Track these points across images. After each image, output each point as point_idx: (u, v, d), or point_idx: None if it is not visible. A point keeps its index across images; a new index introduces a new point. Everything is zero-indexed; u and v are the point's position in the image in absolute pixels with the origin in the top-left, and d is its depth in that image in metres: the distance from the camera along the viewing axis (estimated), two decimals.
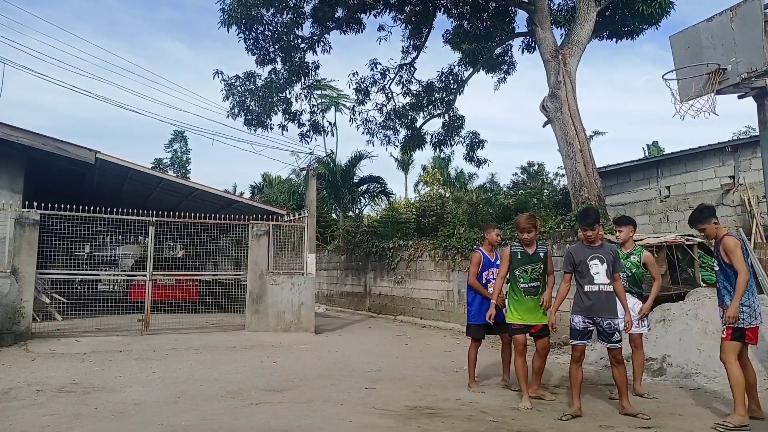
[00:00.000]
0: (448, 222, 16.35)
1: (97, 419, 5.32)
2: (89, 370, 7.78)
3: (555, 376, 7.73)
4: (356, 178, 25.73)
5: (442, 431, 5.11)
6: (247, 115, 16.13)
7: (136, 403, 5.91)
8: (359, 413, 5.68)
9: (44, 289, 11.96)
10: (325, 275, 20.66)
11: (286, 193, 29.13)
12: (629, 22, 14.53)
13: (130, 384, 6.90)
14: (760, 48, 6.73)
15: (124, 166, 12.06)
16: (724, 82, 7.08)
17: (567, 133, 12.66)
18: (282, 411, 5.72)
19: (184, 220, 11.67)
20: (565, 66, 12.90)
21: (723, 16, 7.16)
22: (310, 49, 16.54)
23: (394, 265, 16.43)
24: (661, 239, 10.47)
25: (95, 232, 12.77)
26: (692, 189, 14.42)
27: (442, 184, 37.96)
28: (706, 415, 5.55)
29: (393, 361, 9.01)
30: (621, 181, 16.30)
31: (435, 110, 18.60)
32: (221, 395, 6.37)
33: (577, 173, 12.46)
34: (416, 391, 6.78)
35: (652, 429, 5.17)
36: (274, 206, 15.35)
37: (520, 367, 6.09)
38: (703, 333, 7.68)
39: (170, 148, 50.67)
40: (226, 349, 9.84)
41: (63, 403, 5.90)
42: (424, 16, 16.78)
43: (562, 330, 7.72)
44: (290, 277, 12.38)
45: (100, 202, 11.66)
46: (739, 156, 13.44)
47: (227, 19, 14.46)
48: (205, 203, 14.48)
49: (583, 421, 5.43)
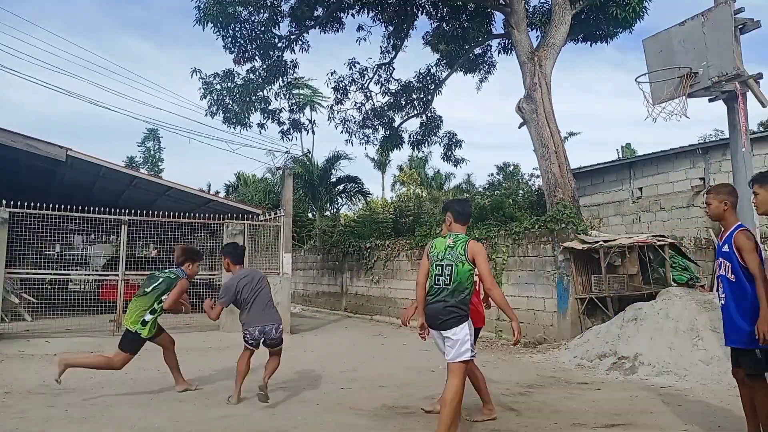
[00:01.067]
0: (425, 222, 16.42)
1: (67, 421, 5.22)
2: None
3: (530, 374, 7.81)
4: (333, 178, 25.66)
5: (418, 430, 5.12)
6: (226, 114, 15.99)
7: (108, 405, 5.81)
8: (335, 413, 5.66)
9: (13, 289, 11.70)
10: (301, 275, 20.57)
11: (262, 193, 28.90)
12: (604, 26, 14.74)
13: (101, 385, 6.77)
14: (731, 52, 6.88)
15: (95, 164, 11.86)
16: (696, 86, 7.22)
17: (542, 135, 12.79)
18: (257, 412, 5.67)
19: (157, 219, 11.51)
20: (541, 68, 13.03)
21: (695, 20, 7.30)
22: (288, 47, 16.45)
23: (371, 264, 16.42)
24: (633, 239, 10.64)
25: (66, 230, 12.52)
26: (664, 190, 14.70)
27: (419, 184, 38.11)
28: (676, 412, 5.65)
29: (369, 361, 9.01)
30: (595, 182, 16.54)
31: (413, 110, 18.67)
32: (194, 396, 6.30)
33: (551, 174, 12.59)
34: (393, 390, 6.78)
35: (625, 426, 5.24)
36: (249, 205, 15.23)
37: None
38: (674, 332, 7.82)
39: (143, 145, 49.97)
40: (200, 350, 9.73)
41: (33, 405, 5.77)
42: (404, 17, 16.81)
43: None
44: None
45: (71, 200, 11.45)
46: (709, 158, 13.74)
47: (203, 17, 14.29)
48: (179, 202, 14.30)
49: (555, 418, 5.48)
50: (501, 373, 8.00)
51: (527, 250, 11.45)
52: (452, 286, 4.56)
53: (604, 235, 11.01)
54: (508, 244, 11.87)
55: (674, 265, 10.92)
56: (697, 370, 7.15)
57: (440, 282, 4.61)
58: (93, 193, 15.61)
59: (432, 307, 4.63)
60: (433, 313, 4.61)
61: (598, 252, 10.25)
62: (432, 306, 4.63)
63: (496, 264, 11.99)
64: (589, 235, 10.71)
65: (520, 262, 11.57)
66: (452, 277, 4.56)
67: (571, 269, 10.45)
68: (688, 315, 8.01)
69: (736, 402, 6.04)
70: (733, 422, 5.31)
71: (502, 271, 11.88)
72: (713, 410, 5.71)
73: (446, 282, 4.58)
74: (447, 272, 4.59)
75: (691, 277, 10.91)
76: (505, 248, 11.88)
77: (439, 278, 4.62)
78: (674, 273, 10.75)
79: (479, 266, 4.60)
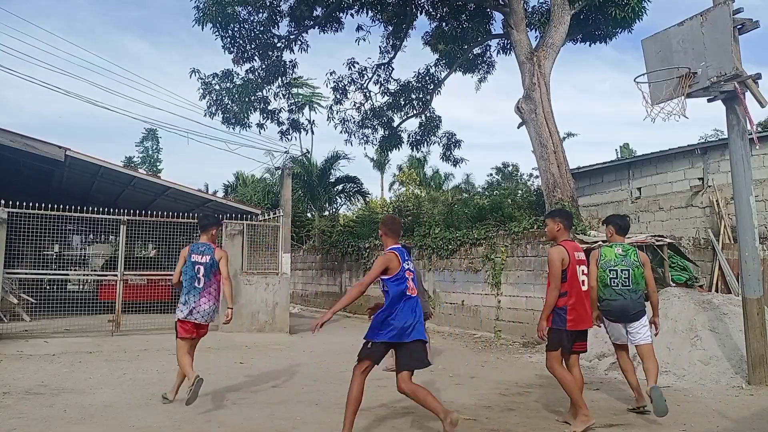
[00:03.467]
0: (424, 222, 16.40)
1: (66, 421, 5.21)
2: (58, 371, 7.62)
3: (529, 374, 7.81)
4: (332, 178, 25.62)
5: (416, 430, 5.12)
6: (225, 114, 15.98)
7: (107, 405, 5.80)
8: (334, 413, 5.65)
9: (12, 289, 11.67)
10: (300, 275, 20.56)
11: (261, 193, 28.87)
12: (603, 26, 14.74)
13: (100, 386, 6.77)
14: (729, 53, 6.86)
15: (94, 164, 11.85)
16: (694, 86, 7.20)
17: (541, 135, 12.79)
18: (255, 412, 5.67)
19: (156, 219, 11.50)
20: (540, 68, 13.04)
21: (693, 20, 7.28)
22: (288, 47, 16.44)
23: (370, 264, 16.38)
24: (631, 239, 10.64)
25: (65, 231, 12.52)
26: (662, 190, 14.70)
27: (418, 184, 38.09)
28: (675, 412, 5.65)
29: None
30: (593, 182, 16.54)
31: (412, 110, 18.67)
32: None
33: (550, 174, 12.60)
34: (391, 390, 6.74)
35: (624, 425, 5.25)
36: (248, 205, 15.22)
37: None
38: (672, 332, 7.83)
39: (141, 145, 49.92)
40: (198, 350, 9.63)
41: (31, 405, 5.76)
42: (403, 17, 16.80)
43: None
44: (265, 277, 12.29)
45: (69, 200, 11.45)
46: (708, 158, 13.74)
47: (202, 17, 14.27)
48: (178, 202, 14.30)
49: (554, 418, 5.48)
50: (500, 372, 8.01)
51: (526, 250, 11.45)
52: (632, 286, 5.54)
53: (603, 235, 11.01)
54: (507, 244, 11.87)
55: (673, 265, 10.92)
56: (695, 370, 7.15)
57: (618, 284, 5.57)
58: (92, 193, 15.60)
59: (617, 304, 5.57)
60: (623, 308, 5.55)
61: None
62: (616, 303, 5.57)
63: (495, 264, 12.00)
64: (588, 235, 10.72)
65: (519, 262, 11.58)
66: (630, 280, 5.54)
67: None
68: (687, 315, 8.01)
69: (735, 402, 6.07)
70: (731, 422, 5.31)
71: (500, 271, 11.88)
72: (712, 410, 5.71)
73: (625, 284, 5.55)
74: (624, 276, 5.56)
75: (689, 277, 10.91)
76: (504, 248, 11.89)
77: (614, 281, 5.57)
78: (673, 273, 10.75)
79: (647, 272, 5.67)
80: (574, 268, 5.20)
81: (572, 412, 5.25)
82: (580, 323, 5.18)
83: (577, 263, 5.25)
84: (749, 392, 6.50)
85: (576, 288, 5.17)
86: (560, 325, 5.14)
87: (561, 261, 5.14)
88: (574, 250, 5.28)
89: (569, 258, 5.17)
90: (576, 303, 5.14)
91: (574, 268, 5.20)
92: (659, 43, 7.70)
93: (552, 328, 5.19)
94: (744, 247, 7.20)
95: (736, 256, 9.62)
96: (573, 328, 5.15)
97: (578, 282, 5.20)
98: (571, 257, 5.18)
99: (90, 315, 11.48)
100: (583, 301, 5.21)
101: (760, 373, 6.76)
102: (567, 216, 5.58)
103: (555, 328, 5.17)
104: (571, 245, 5.31)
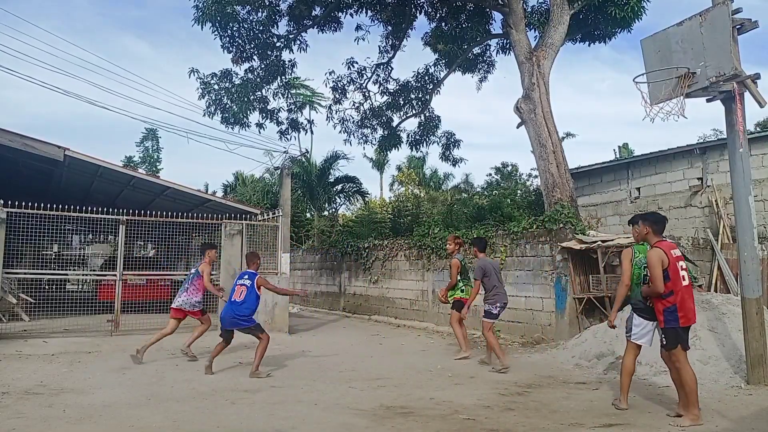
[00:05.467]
0: (423, 222, 16.41)
1: (65, 421, 5.21)
2: (57, 371, 7.62)
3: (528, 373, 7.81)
4: (332, 178, 25.64)
5: (415, 430, 5.12)
6: (224, 114, 15.97)
7: (106, 405, 5.80)
8: (333, 413, 5.66)
9: (11, 289, 11.66)
10: (299, 275, 20.56)
11: (260, 193, 28.89)
12: (602, 26, 14.74)
13: (99, 386, 6.77)
14: (728, 53, 6.86)
15: (93, 164, 11.83)
16: (693, 86, 7.20)
17: (540, 135, 12.79)
18: (255, 412, 5.67)
19: (155, 219, 11.48)
20: (539, 68, 13.04)
21: (692, 20, 7.28)
22: (287, 47, 16.43)
23: (369, 264, 16.42)
24: (631, 239, 10.64)
25: (64, 230, 12.51)
26: (662, 190, 14.70)
27: (417, 184, 38.09)
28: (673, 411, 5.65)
29: (367, 361, 9.00)
30: (593, 182, 16.55)
31: (411, 110, 18.67)
32: (193, 396, 6.29)
33: (549, 174, 12.60)
34: (391, 390, 6.78)
35: (622, 425, 5.25)
36: (247, 205, 15.21)
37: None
38: None
39: (141, 145, 49.85)
40: (198, 350, 9.71)
41: (30, 405, 5.76)
42: (402, 17, 16.80)
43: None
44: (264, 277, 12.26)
45: (68, 200, 11.43)
46: (707, 158, 13.74)
47: (201, 17, 14.27)
48: (177, 202, 14.28)
49: (553, 418, 5.49)
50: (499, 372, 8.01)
51: (525, 250, 11.46)
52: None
53: (602, 235, 11.01)
54: (506, 244, 11.88)
55: None
56: (694, 369, 7.14)
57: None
58: (91, 193, 15.58)
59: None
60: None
61: (596, 252, 10.27)
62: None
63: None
64: (587, 235, 10.72)
65: (519, 262, 11.58)
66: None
67: (569, 269, 10.46)
68: None
69: (733, 401, 6.07)
70: (730, 422, 5.32)
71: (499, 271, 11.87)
72: (711, 410, 5.71)
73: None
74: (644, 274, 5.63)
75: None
76: (504, 248, 11.89)
77: (647, 278, 5.51)
78: None
79: None
80: (675, 267, 5.36)
81: (683, 407, 5.40)
82: (690, 320, 5.38)
83: (676, 260, 5.41)
84: (748, 392, 6.51)
85: (679, 285, 5.35)
86: (674, 324, 5.32)
87: (660, 262, 5.31)
88: (671, 248, 5.45)
89: (668, 258, 5.35)
90: (682, 300, 5.32)
91: (675, 267, 5.36)
92: (658, 43, 7.70)
93: (666, 327, 5.36)
94: (743, 247, 7.20)
95: (735, 256, 9.61)
96: (685, 324, 5.35)
97: (680, 279, 5.37)
98: (669, 257, 5.36)
99: (89, 315, 11.48)
100: (686, 298, 5.37)
101: (759, 373, 6.76)
102: (655, 220, 5.69)
103: (669, 327, 5.34)
104: (667, 245, 5.49)
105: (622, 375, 5.89)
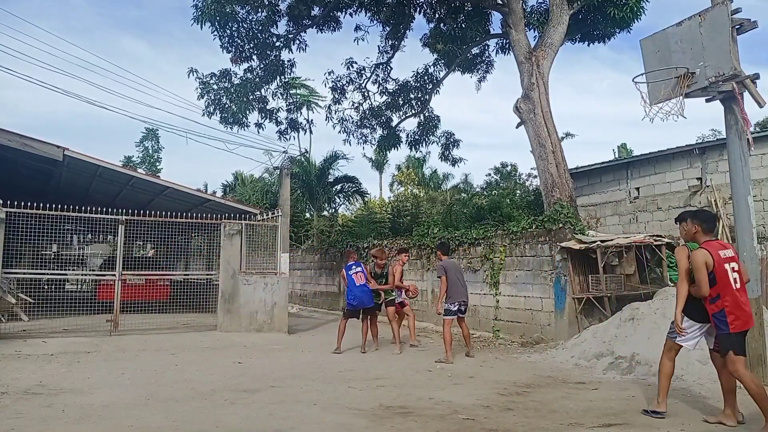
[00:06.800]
0: (423, 222, 16.40)
1: (64, 421, 5.21)
2: (56, 371, 7.61)
3: (527, 373, 7.81)
4: (331, 178, 25.64)
5: (414, 430, 5.12)
6: (223, 114, 15.97)
7: (105, 405, 5.79)
8: (332, 413, 5.66)
9: (10, 289, 11.64)
10: (298, 275, 20.55)
11: (260, 192, 28.86)
12: (601, 26, 14.75)
13: (98, 385, 6.76)
14: (728, 53, 6.87)
15: (93, 164, 11.82)
16: (693, 86, 7.20)
17: (540, 135, 12.80)
18: (254, 412, 5.67)
19: (154, 218, 11.48)
20: (539, 68, 13.05)
21: (692, 21, 7.29)
22: (286, 47, 16.43)
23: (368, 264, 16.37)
24: (630, 239, 10.66)
25: (63, 230, 12.49)
26: (661, 190, 14.71)
27: (417, 184, 38.11)
28: (673, 411, 5.66)
29: (367, 361, 9.00)
30: (592, 182, 16.55)
31: (410, 110, 18.69)
32: (192, 396, 6.29)
33: (549, 174, 12.61)
34: (390, 390, 6.78)
35: (622, 425, 5.25)
36: (247, 205, 15.20)
37: None
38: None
39: (141, 145, 49.81)
40: (197, 350, 9.72)
41: (29, 405, 5.76)
42: (401, 17, 16.81)
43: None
44: (263, 277, 12.28)
45: (68, 200, 11.41)
46: (706, 158, 13.75)
47: (201, 16, 14.28)
48: (177, 202, 14.28)
49: (552, 418, 5.49)
50: (498, 372, 8.01)
51: (525, 250, 11.46)
52: None
53: (602, 235, 11.02)
54: (505, 244, 11.88)
55: (671, 265, 10.91)
56: (694, 369, 7.15)
57: None
58: (90, 193, 15.57)
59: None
60: None
61: (596, 252, 10.27)
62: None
63: (493, 264, 12.01)
64: (587, 235, 10.73)
65: (518, 262, 11.58)
66: None
67: (568, 269, 10.46)
68: None
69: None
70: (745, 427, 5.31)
71: (499, 270, 11.89)
72: (710, 410, 5.72)
73: None
74: None
75: None
76: (503, 248, 11.89)
77: None
78: (671, 273, 10.75)
79: None
80: (722, 269, 5.09)
81: (729, 414, 5.23)
82: (744, 324, 5.08)
83: (725, 262, 5.13)
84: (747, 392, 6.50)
85: (728, 289, 5.07)
86: (724, 329, 5.06)
87: (704, 264, 5.06)
88: (719, 249, 5.18)
89: (713, 259, 5.08)
90: (732, 304, 5.05)
91: (722, 269, 5.09)
92: (657, 43, 7.71)
93: (719, 335, 5.14)
94: (742, 247, 7.20)
95: None
96: (737, 330, 5.04)
97: (729, 282, 5.07)
98: (715, 258, 5.09)
99: (88, 315, 11.48)
100: (738, 301, 5.08)
101: (758, 373, 6.75)
102: (705, 218, 5.44)
103: (721, 334, 5.11)
104: (715, 245, 5.21)
105: (660, 377, 5.58)
